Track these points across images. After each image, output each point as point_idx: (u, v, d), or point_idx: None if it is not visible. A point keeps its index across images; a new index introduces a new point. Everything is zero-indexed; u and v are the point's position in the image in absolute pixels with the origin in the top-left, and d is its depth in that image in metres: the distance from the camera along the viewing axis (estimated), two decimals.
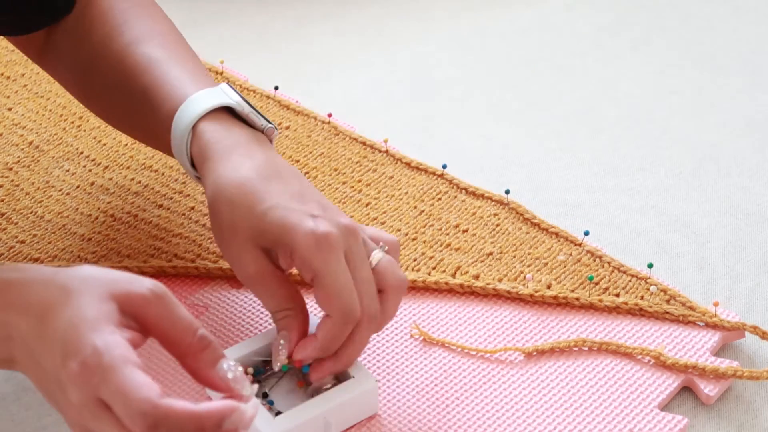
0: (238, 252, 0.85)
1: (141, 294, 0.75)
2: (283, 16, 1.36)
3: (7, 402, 0.92)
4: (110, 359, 0.71)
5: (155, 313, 0.75)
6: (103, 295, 0.74)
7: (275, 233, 0.84)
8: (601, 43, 1.30)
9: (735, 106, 1.20)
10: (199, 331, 0.75)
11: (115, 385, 0.70)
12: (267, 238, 0.84)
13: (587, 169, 1.13)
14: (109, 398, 0.71)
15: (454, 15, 1.36)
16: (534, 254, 1.01)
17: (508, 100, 1.22)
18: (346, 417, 0.87)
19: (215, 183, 0.86)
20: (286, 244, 0.83)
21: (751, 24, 1.32)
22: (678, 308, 0.96)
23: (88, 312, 0.73)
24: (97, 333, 0.72)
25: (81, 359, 0.71)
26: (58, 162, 1.11)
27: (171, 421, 0.70)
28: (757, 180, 1.11)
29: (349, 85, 1.25)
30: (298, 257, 0.83)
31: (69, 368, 0.72)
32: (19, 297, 0.75)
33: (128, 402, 0.70)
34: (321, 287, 0.83)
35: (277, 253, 0.85)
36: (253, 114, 0.90)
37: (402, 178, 1.10)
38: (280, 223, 0.83)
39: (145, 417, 0.70)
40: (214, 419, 0.71)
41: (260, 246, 0.85)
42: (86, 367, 0.71)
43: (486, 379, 0.92)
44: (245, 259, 0.85)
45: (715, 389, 0.91)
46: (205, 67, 1.23)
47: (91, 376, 0.71)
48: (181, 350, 0.75)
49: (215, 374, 0.75)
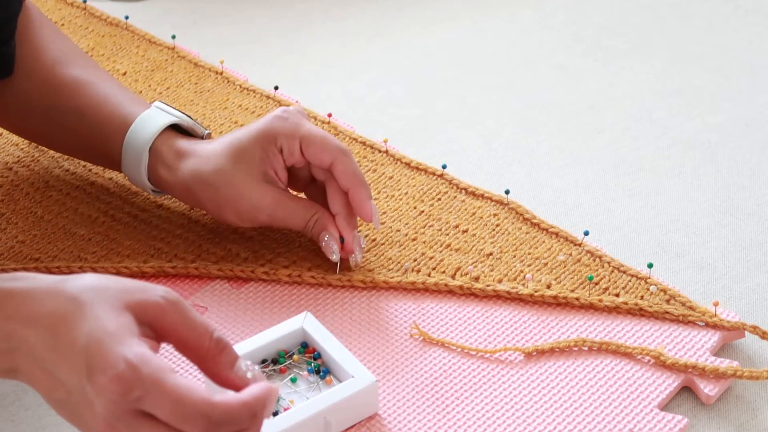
0: (249, 197, 0.96)
1: (155, 302, 0.75)
2: (283, 16, 1.36)
3: (7, 402, 0.92)
4: (150, 371, 0.71)
5: (171, 320, 0.75)
6: (118, 306, 0.74)
7: (258, 144, 0.96)
8: (601, 43, 1.30)
9: (735, 106, 1.20)
10: (215, 334, 0.76)
11: (164, 395, 0.71)
12: (258, 157, 0.96)
13: (587, 169, 1.13)
14: (155, 408, 0.72)
15: (454, 15, 1.36)
16: (534, 254, 1.01)
17: (508, 100, 1.22)
18: (346, 416, 0.87)
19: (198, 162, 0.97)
20: (270, 142, 0.96)
21: (751, 24, 1.32)
22: (678, 308, 0.96)
23: (108, 325, 0.73)
24: (125, 346, 0.72)
25: (113, 374, 0.71)
26: (57, 162, 1.11)
27: (230, 415, 0.72)
28: (757, 180, 1.11)
29: (349, 85, 1.25)
30: (281, 137, 0.96)
31: (98, 383, 0.72)
32: (23, 307, 0.75)
33: (184, 408, 0.71)
34: (310, 143, 0.96)
35: (271, 163, 0.96)
36: (194, 125, 1.01)
37: (402, 178, 1.10)
38: (255, 134, 0.96)
39: (206, 418, 0.71)
40: (262, 402, 0.73)
41: (262, 177, 0.96)
42: (122, 381, 0.71)
43: (486, 379, 0.92)
44: (258, 196, 0.96)
45: (715, 389, 0.91)
46: (206, 66, 1.23)
47: (129, 390, 0.71)
48: (199, 355, 0.76)
49: (234, 375, 0.76)
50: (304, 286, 0.99)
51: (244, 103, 1.18)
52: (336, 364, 0.89)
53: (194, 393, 0.72)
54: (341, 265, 0.99)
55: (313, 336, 0.91)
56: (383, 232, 1.04)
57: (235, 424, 0.72)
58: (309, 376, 0.90)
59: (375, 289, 0.99)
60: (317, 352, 0.91)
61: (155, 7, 1.37)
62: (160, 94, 1.20)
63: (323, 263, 1.01)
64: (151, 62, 1.24)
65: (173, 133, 1.00)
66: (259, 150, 0.96)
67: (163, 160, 0.99)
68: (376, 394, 0.88)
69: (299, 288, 0.99)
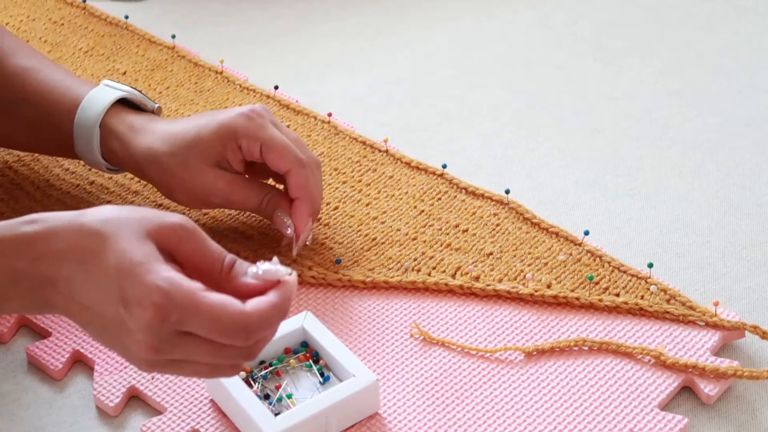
0: (202, 182, 0.97)
1: (173, 230, 0.78)
2: (283, 16, 1.36)
3: (7, 401, 0.92)
4: (183, 294, 0.75)
5: (188, 248, 0.78)
6: (140, 236, 0.77)
7: (218, 138, 0.96)
8: (601, 43, 1.30)
9: (735, 106, 1.20)
10: (227, 258, 0.79)
11: (201, 314, 0.74)
12: (216, 149, 0.96)
13: (587, 168, 1.13)
14: (194, 327, 0.75)
15: (454, 15, 1.35)
16: (534, 254, 1.01)
17: (508, 100, 1.22)
18: (347, 415, 0.87)
19: (152, 141, 0.97)
20: (230, 138, 0.96)
21: (751, 24, 1.32)
22: (678, 308, 0.96)
23: (134, 256, 0.76)
24: (154, 274, 0.75)
25: (148, 303, 0.74)
26: (58, 161, 1.11)
27: (264, 320, 0.76)
28: (757, 180, 1.11)
29: (349, 85, 1.25)
30: (242, 137, 0.96)
31: (135, 314, 0.75)
32: (48, 247, 0.78)
33: (222, 323, 0.75)
34: (271, 149, 0.96)
35: (227, 156, 0.96)
36: (144, 98, 1.01)
37: (402, 177, 1.10)
38: (217, 127, 0.96)
39: (244, 328, 0.75)
40: (288, 297, 0.77)
41: (217, 165, 0.97)
42: (158, 309, 0.74)
43: (486, 378, 0.92)
44: (211, 180, 0.97)
45: (716, 389, 0.91)
46: (206, 66, 1.23)
47: (167, 315, 0.74)
48: (214, 279, 0.78)
49: (250, 281, 0.78)
50: (304, 286, 0.99)
51: (244, 103, 1.18)
52: (337, 363, 0.89)
53: (229, 307, 0.75)
54: (297, 246, 0.99)
55: (314, 335, 0.91)
56: (383, 231, 1.04)
57: (270, 325, 0.77)
58: (311, 376, 0.90)
59: (375, 288, 0.99)
60: (315, 352, 0.91)
61: (155, 6, 1.36)
62: (160, 93, 1.20)
63: (323, 262, 1.01)
64: (151, 62, 1.24)
65: (124, 108, 1.00)
66: (218, 143, 0.96)
67: (117, 135, 0.99)
68: (377, 393, 0.88)
69: (299, 287, 0.99)
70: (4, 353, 0.95)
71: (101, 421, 0.91)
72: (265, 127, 0.96)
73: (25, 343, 0.96)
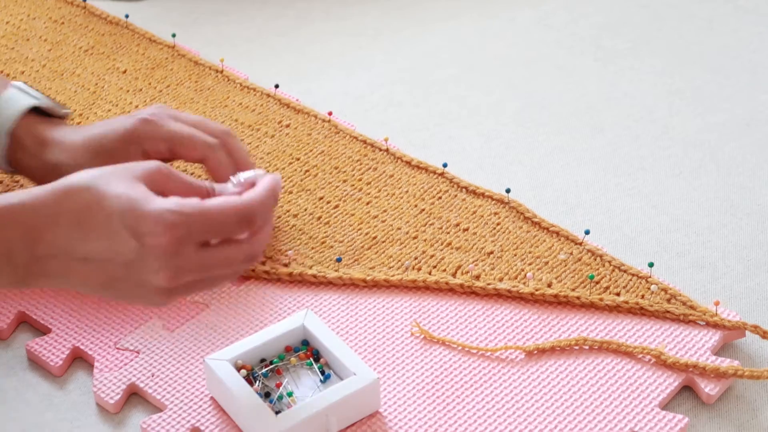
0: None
1: (157, 171, 0.82)
2: (283, 16, 1.36)
3: (7, 398, 0.91)
4: (191, 208, 0.79)
5: (173, 185, 0.83)
6: (131, 179, 0.80)
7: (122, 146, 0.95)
8: (601, 43, 1.30)
9: (735, 106, 1.20)
10: (208, 184, 0.84)
11: (211, 218, 0.80)
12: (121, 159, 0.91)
13: (588, 168, 1.13)
14: (207, 233, 0.80)
15: (454, 15, 1.35)
16: (535, 253, 1.01)
17: (508, 100, 1.22)
18: (348, 414, 0.87)
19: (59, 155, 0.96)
20: (133, 144, 0.95)
21: (751, 24, 1.32)
22: (679, 307, 0.96)
23: (131, 193, 0.80)
24: (155, 202, 0.79)
25: (162, 228, 0.78)
26: None
27: (262, 203, 0.82)
28: (757, 180, 1.11)
29: (349, 84, 1.25)
30: (144, 141, 0.95)
31: (151, 243, 0.79)
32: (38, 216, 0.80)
33: (229, 217, 0.80)
34: (177, 144, 0.95)
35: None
36: (54, 106, 1.00)
37: (402, 176, 1.10)
38: (120, 136, 0.95)
39: (247, 215, 0.81)
40: (275, 184, 0.83)
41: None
42: (175, 227, 0.78)
43: (487, 377, 0.92)
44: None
45: (716, 388, 0.91)
46: (206, 65, 1.23)
47: (181, 233, 0.79)
48: None
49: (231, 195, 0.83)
50: (304, 285, 0.99)
51: (245, 102, 1.18)
52: (337, 361, 0.89)
53: (230, 201, 0.80)
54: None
55: (314, 333, 0.91)
56: (384, 230, 1.04)
57: (266, 208, 0.82)
58: (311, 375, 0.90)
59: (375, 287, 0.99)
60: (315, 350, 0.91)
61: (155, 5, 1.36)
62: (161, 92, 1.20)
63: (324, 261, 1.01)
64: (151, 61, 1.24)
65: (33, 116, 0.99)
66: (123, 153, 0.95)
67: (25, 148, 0.98)
68: (378, 391, 0.88)
69: (300, 286, 0.99)
70: (3, 350, 0.95)
71: (101, 418, 0.91)
72: (162, 125, 0.96)
73: (24, 340, 0.96)
